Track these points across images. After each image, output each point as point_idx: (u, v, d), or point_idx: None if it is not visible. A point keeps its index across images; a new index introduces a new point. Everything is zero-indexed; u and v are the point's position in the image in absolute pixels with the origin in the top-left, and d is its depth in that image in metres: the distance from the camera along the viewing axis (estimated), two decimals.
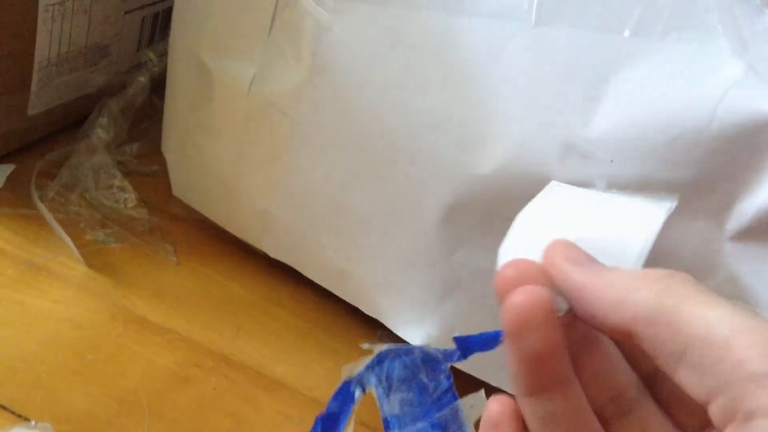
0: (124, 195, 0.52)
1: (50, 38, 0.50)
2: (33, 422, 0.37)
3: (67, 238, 0.48)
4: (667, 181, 0.32)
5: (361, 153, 0.39)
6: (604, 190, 0.30)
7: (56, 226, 0.48)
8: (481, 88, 0.35)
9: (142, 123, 0.58)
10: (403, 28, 0.36)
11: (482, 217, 0.36)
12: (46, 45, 0.50)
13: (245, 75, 0.42)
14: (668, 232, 0.25)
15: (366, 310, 0.44)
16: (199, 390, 0.41)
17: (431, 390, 0.24)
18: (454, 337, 0.25)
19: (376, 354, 0.24)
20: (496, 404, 0.25)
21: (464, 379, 0.38)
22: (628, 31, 0.32)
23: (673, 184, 0.32)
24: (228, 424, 0.40)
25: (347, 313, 0.46)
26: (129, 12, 0.56)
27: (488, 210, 0.36)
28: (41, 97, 0.52)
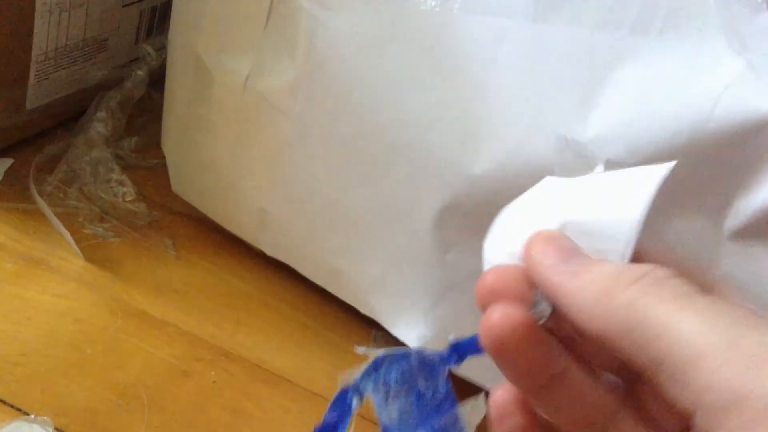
0: (123, 189, 0.52)
1: (48, 32, 0.50)
2: (32, 416, 0.37)
3: (65, 232, 0.48)
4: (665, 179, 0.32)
5: (356, 151, 0.39)
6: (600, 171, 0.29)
7: (55, 221, 0.48)
8: (476, 85, 0.35)
9: (140, 117, 0.58)
10: (398, 25, 0.36)
11: (477, 217, 0.36)
12: (43, 39, 0.50)
13: (241, 71, 0.42)
14: (666, 230, 0.25)
15: (361, 309, 0.44)
16: (198, 383, 0.41)
17: (430, 396, 0.24)
18: (449, 342, 0.25)
19: (372, 360, 0.24)
20: (503, 393, 0.24)
21: (464, 382, 0.38)
22: (626, 29, 0.32)
23: (671, 183, 0.32)
24: (227, 418, 0.40)
25: (347, 307, 0.46)
26: (127, 5, 0.55)
27: (483, 210, 0.36)
28: (39, 91, 0.52)
